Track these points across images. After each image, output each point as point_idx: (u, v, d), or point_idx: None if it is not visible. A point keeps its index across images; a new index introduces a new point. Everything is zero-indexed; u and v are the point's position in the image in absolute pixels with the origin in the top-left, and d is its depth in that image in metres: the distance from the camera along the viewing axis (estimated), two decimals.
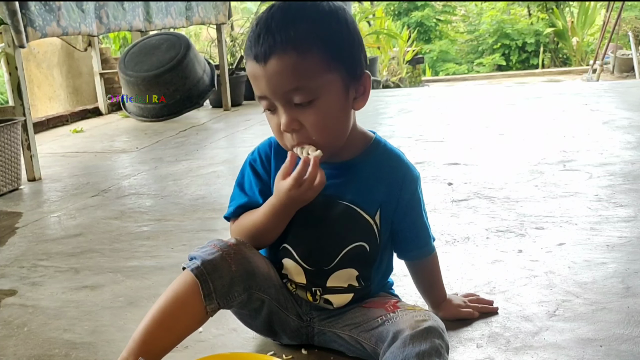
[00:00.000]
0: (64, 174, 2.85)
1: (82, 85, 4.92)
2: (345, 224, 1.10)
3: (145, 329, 1.00)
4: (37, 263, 1.75)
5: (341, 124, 1.06)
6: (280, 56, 0.97)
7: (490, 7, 11.79)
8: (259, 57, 0.99)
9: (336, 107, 1.03)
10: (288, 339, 1.17)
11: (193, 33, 7.24)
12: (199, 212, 2.13)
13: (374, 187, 1.11)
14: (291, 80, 0.98)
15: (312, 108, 1.00)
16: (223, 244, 1.06)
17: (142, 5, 3.64)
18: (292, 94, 0.99)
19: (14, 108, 2.68)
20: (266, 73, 0.99)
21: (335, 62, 1.00)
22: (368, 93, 1.07)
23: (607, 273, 1.44)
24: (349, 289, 1.12)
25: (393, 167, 1.13)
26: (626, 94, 4.19)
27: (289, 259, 1.12)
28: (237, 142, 3.40)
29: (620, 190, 2.06)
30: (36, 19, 2.66)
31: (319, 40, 0.99)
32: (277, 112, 1.03)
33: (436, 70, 10.78)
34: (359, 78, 1.05)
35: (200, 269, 1.01)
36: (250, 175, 1.17)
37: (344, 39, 1.02)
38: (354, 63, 1.04)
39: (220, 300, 1.02)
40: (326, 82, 1.00)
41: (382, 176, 1.11)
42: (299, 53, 0.97)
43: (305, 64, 0.98)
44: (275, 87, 0.99)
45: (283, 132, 1.03)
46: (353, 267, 1.11)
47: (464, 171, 2.42)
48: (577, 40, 9.63)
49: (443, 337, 0.98)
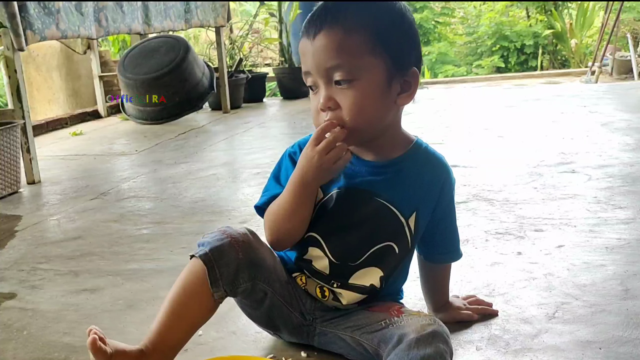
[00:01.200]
0: (63, 177, 2.85)
1: (81, 88, 4.92)
2: (378, 222, 1.10)
3: (159, 321, 1.02)
4: (37, 266, 1.75)
5: (377, 112, 1.05)
6: (328, 32, 1.01)
7: (488, 9, 11.79)
8: (309, 32, 1.03)
9: (375, 93, 1.03)
10: (288, 335, 1.17)
11: (192, 36, 7.23)
12: (198, 215, 2.13)
13: (413, 189, 1.11)
14: (333, 56, 1.01)
15: (351, 89, 1.02)
16: (232, 230, 1.06)
17: (141, 8, 3.65)
18: (333, 70, 1.01)
19: (14, 111, 2.68)
20: (313, 48, 1.02)
21: (380, 48, 1.02)
22: (414, 90, 1.08)
23: (606, 275, 1.45)
24: (369, 288, 1.11)
25: (434, 170, 1.14)
26: (625, 96, 4.19)
27: (316, 247, 1.11)
28: (236, 144, 3.40)
29: (619, 192, 2.07)
30: (35, 22, 2.66)
31: (367, 23, 1.02)
32: (319, 93, 1.04)
33: (435, 72, 10.78)
34: (405, 72, 1.05)
35: (208, 255, 1.02)
36: (288, 166, 1.15)
37: (394, 28, 1.04)
38: (401, 55, 1.04)
39: (227, 287, 1.03)
40: (368, 65, 1.02)
41: (422, 179, 1.12)
42: (345, 31, 1.01)
43: (350, 42, 1.01)
44: (318, 62, 1.02)
45: (320, 110, 1.04)
46: (378, 266, 1.11)
47: (463, 173, 2.43)
48: (575, 42, 9.64)
49: (448, 343, 0.99)
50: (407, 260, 1.16)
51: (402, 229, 1.11)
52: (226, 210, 2.16)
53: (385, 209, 1.10)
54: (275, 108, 4.73)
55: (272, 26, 5.67)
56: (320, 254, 1.11)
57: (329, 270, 1.11)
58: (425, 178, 1.13)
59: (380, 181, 1.10)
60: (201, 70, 3.95)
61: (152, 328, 1.02)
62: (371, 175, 1.10)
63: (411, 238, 1.12)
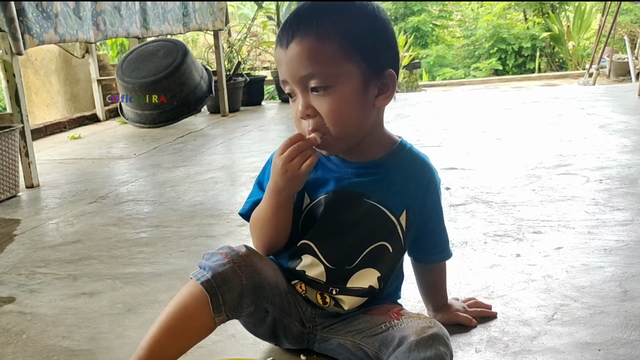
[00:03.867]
0: (61, 181, 2.85)
1: (79, 92, 4.92)
2: (370, 223, 1.10)
3: (153, 338, 1.00)
4: (35, 270, 1.75)
5: (356, 117, 1.05)
6: (300, 40, 1.01)
7: (486, 12, 11.82)
8: (282, 42, 1.03)
9: (351, 98, 1.03)
10: (289, 344, 1.17)
11: (190, 39, 7.25)
12: (197, 218, 2.13)
13: (400, 188, 1.11)
14: (307, 65, 1.00)
15: (327, 96, 1.01)
16: (234, 253, 1.05)
17: (139, 12, 3.65)
18: (308, 78, 1.01)
19: (12, 115, 2.68)
20: (286, 57, 1.02)
21: (354, 53, 1.01)
22: (392, 92, 1.07)
23: (604, 277, 1.45)
24: (368, 290, 1.11)
25: (419, 170, 1.14)
26: (622, 98, 4.20)
27: (309, 255, 1.11)
28: (234, 148, 3.40)
29: (617, 194, 2.07)
30: (33, 26, 2.67)
31: (340, 29, 1.01)
32: (297, 99, 1.05)
33: (433, 75, 10.80)
34: (381, 75, 1.05)
35: (211, 282, 1.01)
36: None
37: (367, 32, 1.03)
38: (376, 58, 1.04)
39: (229, 313, 1.02)
40: (343, 72, 1.01)
41: (408, 178, 1.12)
42: (318, 39, 1.00)
43: (323, 50, 1.00)
44: (293, 71, 1.02)
45: (300, 118, 1.05)
46: (375, 267, 1.11)
47: (461, 176, 2.43)
48: (573, 44, 9.67)
49: (448, 345, 0.99)
50: (401, 259, 1.16)
51: (394, 228, 1.11)
52: (224, 214, 2.16)
53: (375, 210, 1.10)
54: (274, 111, 4.74)
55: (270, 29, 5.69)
56: (315, 261, 1.11)
57: (326, 277, 1.10)
58: (411, 177, 1.13)
59: (367, 182, 1.10)
60: (199, 73, 3.95)
61: (144, 345, 1.00)
62: (358, 177, 1.10)
63: (403, 236, 1.12)
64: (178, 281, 1.58)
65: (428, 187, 1.14)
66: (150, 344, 1.00)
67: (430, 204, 1.15)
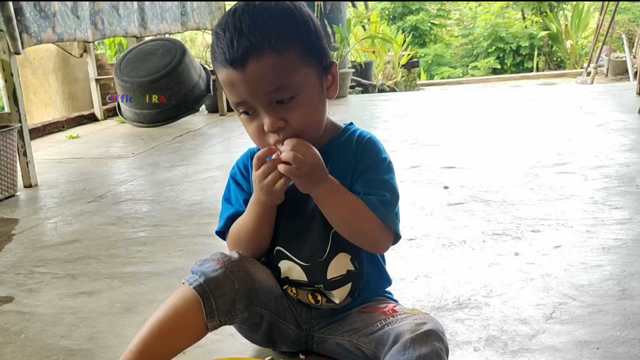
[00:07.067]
0: (60, 180, 2.85)
1: (77, 92, 4.92)
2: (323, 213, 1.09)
3: (143, 341, 1.00)
4: (34, 270, 1.75)
5: (322, 115, 1.07)
6: (259, 58, 0.97)
7: (484, 11, 11.83)
8: (235, 63, 0.97)
9: (315, 99, 1.04)
10: (287, 348, 1.17)
11: (189, 38, 7.25)
12: (195, 218, 2.13)
13: (345, 168, 1.10)
14: (273, 81, 0.98)
15: (295, 104, 1.01)
16: (226, 259, 1.05)
17: (137, 11, 3.65)
18: (274, 94, 0.99)
19: (10, 114, 2.68)
20: (245, 78, 0.97)
21: (309, 56, 1.02)
22: (337, 81, 1.09)
23: (603, 275, 1.45)
24: (347, 276, 1.11)
25: (357, 144, 1.11)
26: (620, 97, 4.21)
27: (285, 260, 1.12)
28: (233, 147, 3.40)
29: (615, 192, 2.07)
30: (31, 26, 2.66)
31: (292, 37, 1.00)
32: (257, 115, 1.02)
33: (431, 74, 10.80)
34: (328, 68, 1.07)
35: (203, 286, 1.01)
36: (234, 188, 1.17)
37: (312, 32, 1.04)
38: (324, 54, 1.05)
39: (222, 318, 1.02)
40: (305, 77, 1.01)
41: (349, 156, 1.11)
42: (277, 52, 0.97)
43: (284, 62, 0.98)
44: (256, 90, 0.98)
45: (268, 132, 1.02)
46: (345, 251, 1.10)
47: (459, 174, 2.43)
48: (571, 43, 9.67)
49: (443, 340, 0.98)
50: None
51: None
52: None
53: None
54: None
55: None
56: (291, 264, 1.11)
57: (306, 276, 1.11)
58: (353, 154, 1.11)
59: None
60: (198, 73, 3.94)
61: (132, 348, 1.00)
62: None
63: None
64: (176, 280, 1.58)
65: (357, 149, 1.11)
66: (139, 347, 0.99)
67: (364, 163, 1.09)
